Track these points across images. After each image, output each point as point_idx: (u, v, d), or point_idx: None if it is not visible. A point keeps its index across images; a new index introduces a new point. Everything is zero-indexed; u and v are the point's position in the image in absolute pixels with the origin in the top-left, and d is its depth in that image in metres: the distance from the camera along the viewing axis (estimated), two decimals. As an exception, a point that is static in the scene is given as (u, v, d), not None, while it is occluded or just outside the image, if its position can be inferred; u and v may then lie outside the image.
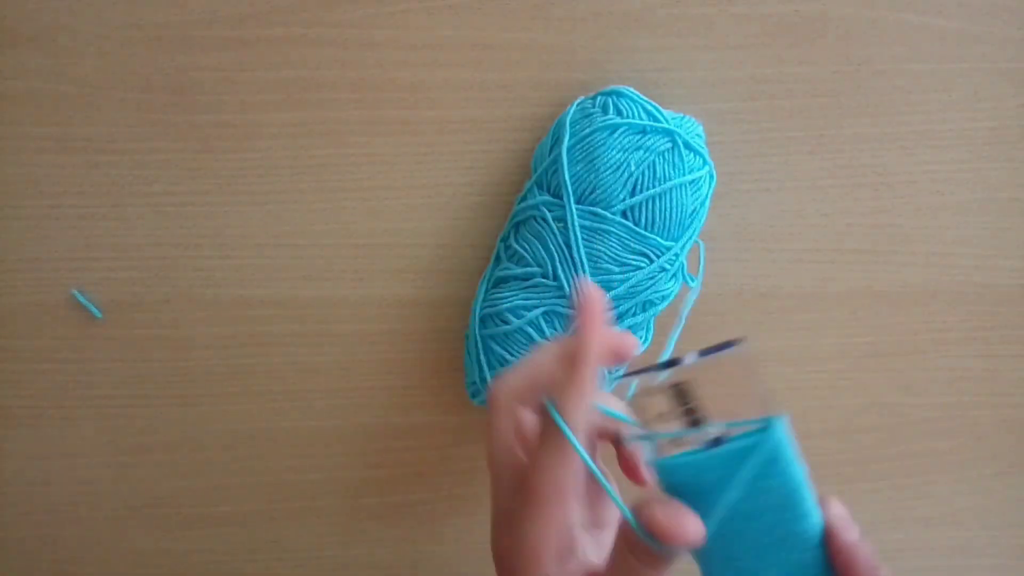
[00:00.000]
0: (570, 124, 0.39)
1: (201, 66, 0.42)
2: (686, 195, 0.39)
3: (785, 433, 0.26)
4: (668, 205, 0.39)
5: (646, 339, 0.42)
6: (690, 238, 0.40)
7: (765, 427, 0.26)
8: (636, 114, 0.39)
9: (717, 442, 0.27)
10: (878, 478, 0.48)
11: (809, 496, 0.27)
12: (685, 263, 0.41)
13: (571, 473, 0.28)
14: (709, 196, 0.40)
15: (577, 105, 0.40)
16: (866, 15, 0.43)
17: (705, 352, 0.27)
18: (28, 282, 0.44)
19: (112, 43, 0.42)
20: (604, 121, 0.39)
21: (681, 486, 0.27)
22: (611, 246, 0.39)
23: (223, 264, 0.44)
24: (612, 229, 0.38)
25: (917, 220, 0.45)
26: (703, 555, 0.28)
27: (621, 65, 0.43)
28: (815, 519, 0.27)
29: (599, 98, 0.40)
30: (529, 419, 0.31)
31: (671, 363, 0.27)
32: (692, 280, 0.42)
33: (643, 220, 0.39)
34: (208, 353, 0.45)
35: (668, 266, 0.40)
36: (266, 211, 0.44)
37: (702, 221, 0.40)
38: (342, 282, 0.45)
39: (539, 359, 0.30)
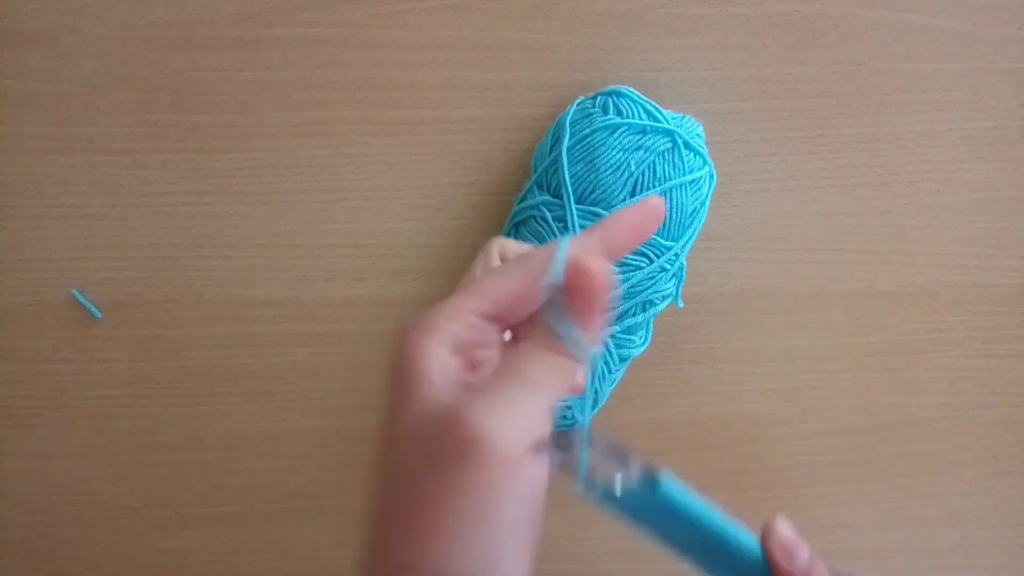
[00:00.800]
0: (570, 124, 0.39)
1: (201, 66, 0.42)
2: (686, 195, 0.39)
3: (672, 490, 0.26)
4: (668, 205, 0.39)
5: (645, 339, 0.42)
6: (690, 238, 0.40)
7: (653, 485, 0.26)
8: (636, 114, 0.39)
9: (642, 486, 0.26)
10: (878, 478, 0.48)
11: (727, 532, 0.26)
12: (685, 263, 0.41)
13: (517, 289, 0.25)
14: (709, 196, 0.40)
15: (577, 105, 0.40)
16: (866, 15, 0.43)
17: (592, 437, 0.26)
18: (28, 282, 0.44)
19: (112, 43, 0.42)
20: (604, 121, 0.39)
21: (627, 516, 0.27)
22: (611, 246, 0.39)
23: (223, 264, 0.44)
24: (612, 229, 0.38)
25: (917, 220, 0.45)
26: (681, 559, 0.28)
27: (621, 65, 0.43)
28: (749, 543, 0.27)
29: (599, 98, 0.40)
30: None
31: (576, 434, 0.26)
32: (679, 300, 0.42)
33: (643, 220, 0.39)
34: (208, 353, 0.45)
35: (668, 266, 0.40)
36: (266, 211, 0.44)
37: (702, 221, 0.40)
38: (342, 282, 0.45)
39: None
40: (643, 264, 0.39)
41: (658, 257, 0.39)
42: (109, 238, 0.44)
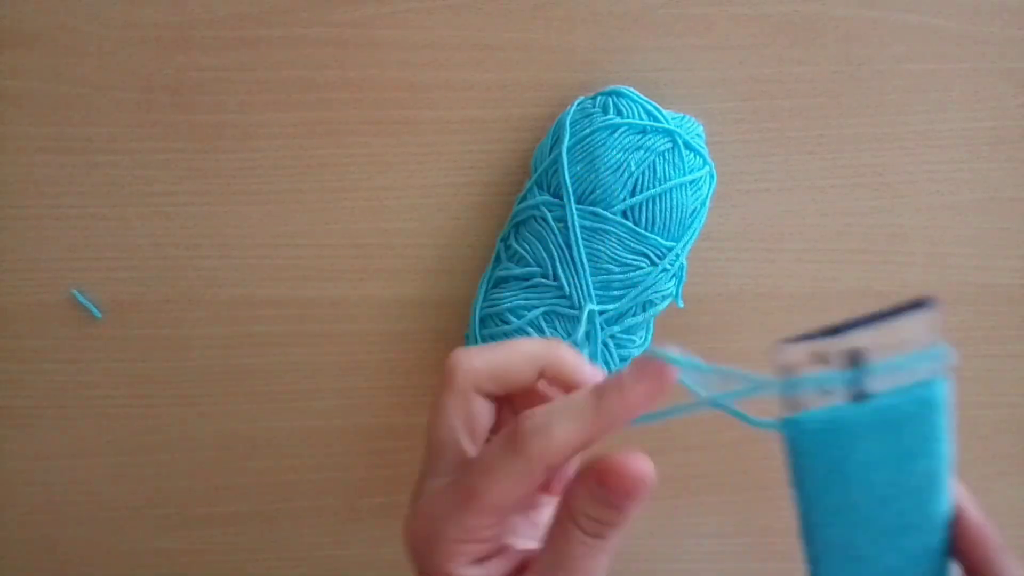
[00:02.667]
0: (570, 124, 0.39)
1: (201, 66, 0.42)
2: (686, 195, 0.39)
3: (947, 403, 0.24)
4: (668, 205, 0.39)
5: (645, 339, 0.42)
6: (690, 238, 0.40)
7: (927, 399, 0.24)
8: (636, 114, 0.39)
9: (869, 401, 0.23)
10: (878, 478, 0.48)
11: (949, 475, 0.24)
12: (685, 263, 0.41)
13: (524, 492, 0.24)
14: (709, 196, 0.40)
15: (577, 105, 0.40)
16: (866, 15, 0.43)
17: (888, 313, 0.24)
18: (28, 282, 0.44)
19: (112, 43, 0.42)
20: (604, 121, 0.39)
21: (817, 457, 0.24)
22: (611, 246, 0.39)
23: (223, 264, 0.44)
24: (612, 229, 0.38)
25: (917, 220, 0.45)
26: (816, 540, 0.25)
27: (621, 65, 0.43)
28: (949, 499, 0.24)
29: (599, 98, 0.40)
30: (482, 409, 0.28)
31: (847, 327, 0.24)
32: (678, 299, 0.42)
33: (643, 220, 0.39)
34: (208, 353, 0.45)
35: (668, 266, 0.40)
36: (266, 211, 0.44)
37: (702, 221, 0.40)
38: (342, 282, 0.45)
39: (514, 353, 0.28)
40: (643, 264, 0.39)
41: (658, 257, 0.39)
42: (109, 238, 0.44)
